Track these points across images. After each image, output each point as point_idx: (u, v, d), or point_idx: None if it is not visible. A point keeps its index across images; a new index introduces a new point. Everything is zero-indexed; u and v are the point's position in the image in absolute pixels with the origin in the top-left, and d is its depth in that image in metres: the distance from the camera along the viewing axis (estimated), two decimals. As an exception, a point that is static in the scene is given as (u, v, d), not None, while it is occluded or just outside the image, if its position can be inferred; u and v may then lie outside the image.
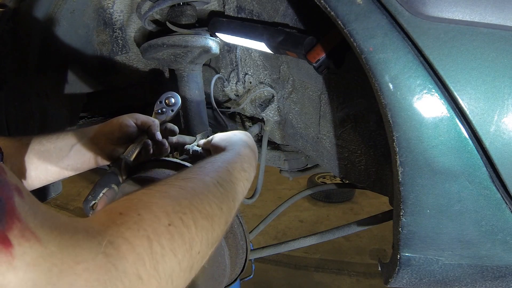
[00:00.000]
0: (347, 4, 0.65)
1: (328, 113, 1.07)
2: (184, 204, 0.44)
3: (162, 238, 0.39)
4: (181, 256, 0.40)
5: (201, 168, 0.57)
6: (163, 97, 0.94)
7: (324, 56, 0.86)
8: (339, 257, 3.11)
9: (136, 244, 0.36)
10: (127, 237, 0.36)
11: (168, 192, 0.45)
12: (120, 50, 1.28)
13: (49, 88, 1.23)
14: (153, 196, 0.44)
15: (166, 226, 0.40)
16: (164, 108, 0.93)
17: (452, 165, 0.65)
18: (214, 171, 0.57)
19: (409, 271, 0.76)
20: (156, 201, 0.42)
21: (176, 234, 0.40)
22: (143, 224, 0.38)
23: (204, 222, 0.45)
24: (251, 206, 3.88)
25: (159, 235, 0.38)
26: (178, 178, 0.51)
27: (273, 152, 1.56)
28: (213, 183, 0.53)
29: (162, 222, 0.40)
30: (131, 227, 0.37)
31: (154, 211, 0.41)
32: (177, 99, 0.94)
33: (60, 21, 1.13)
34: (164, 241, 0.39)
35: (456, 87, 0.62)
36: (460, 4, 0.61)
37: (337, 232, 1.08)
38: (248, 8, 1.10)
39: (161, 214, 0.41)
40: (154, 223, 0.39)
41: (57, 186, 1.43)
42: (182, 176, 0.52)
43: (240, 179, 0.62)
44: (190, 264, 0.42)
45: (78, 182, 4.35)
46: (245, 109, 1.33)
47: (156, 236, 0.38)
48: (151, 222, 0.39)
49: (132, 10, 1.21)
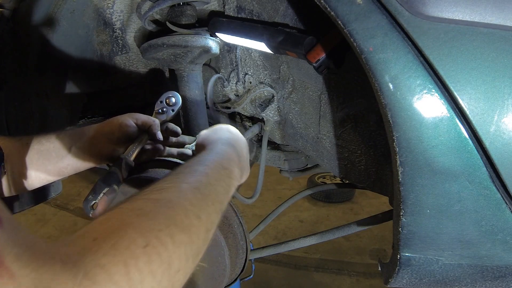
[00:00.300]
0: (347, 4, 0.65)
1: (328, 113, 1.07)
2: (159, 220, 0.43)
3: (139, 262, 0.37)
4: (160, 276, 0.39)
5: (177, 175, 0.54)
6: (163, 96, 0.93)
7: (324, 56, 0.86)
8: (339, 257, 3.11)
9: (113, 272, 0.35)
10: (103, 265, 0.35)
11: (142, 209, 0.44)
12: (120, 50, 1.28)
13: (49, 88, 1.23)
14: (127, 216, 0.42)
15: (143, 248, 0.38)
16: (164, 107, 0.92)
17: (452, 165, 0.65)
18: (191, 175, 0.55)
19: (409, 271, 0.76)
20: (131, 221, 0.41)
21: (154, 254, 0.39)
22: (119, 249, 0.37)
23: (182, 236, 0.44)
24: (251, 206, 3.88)
25: (136, 258, 0.37)
26: (153, 190, 0.49)
27: (273, 152, 1.56)
28: (189, 189, 0.51)
29: (138, 243, 0.38)
30: (106, 253, 0.36)
31: (129, 233, 0.39)
32: (177, 99, 0.94)
33: (60, 21, 1.13)
34: (142, 264, 0.37)
35: (456, 87, 0.62)
36: (460, 4, 0.61)
37: (337, 232, 1.08)
38: (248, 8, 1.10)
39: (137, 235, 0.39)
40: (130, 246, 0.38)
41: (57, 186, 1.43)
42: (158, 186, 0.50)
43: (220, 179, 0.59)
44: (171, 283, 0.41)
45: (78, 182, 4.35)
46: (245, 109, 1.33)
47: (133, 260, 0.37)
48: (127, 245, 0.38)
49: (132, 10, 1.21)
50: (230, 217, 0.98)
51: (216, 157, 0.64)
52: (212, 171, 0.58)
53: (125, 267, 0.36)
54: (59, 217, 3.92)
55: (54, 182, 1.38)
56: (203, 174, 0.56)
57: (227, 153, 0.67)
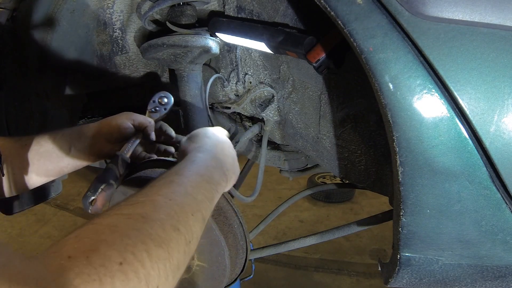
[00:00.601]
0: (347, 4, 0.65)
1: (328, 113, 1.07)
2: (134, 235, 0.41)
3: (115, 280, 0.36)
4: None
5: (151, 188, 0.52)
6: (156, 96, 0.98)
7: (324, 56, 0.86)
8: (339, 257, 3.11)
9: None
10: (77, 286, 0.33)
11: (116, 226, 0.42)
12: (120, 50, 1.28)
13: (49, 88, 1.23)
14: (101, 233, 0.40)
15: (118, 265, 0.37)
16: (157, 107, 0.96)
17: (452, 165, 0.65)
18: (166, 187, 0.53)
19: (409, 271, 0.76)
20: (105, 238, 0.39)
21: (130, 272, 0.37)
22: (94, 267, 0.35)
23: (159, 251, 0.42)
24: (251, 206, 3.88)
25: (111, 277, 0.36)
26: (126, 204, 0.47)
27: (273, 152, 1.56)
28: (165, 202, 0.49)
29: (113, 260, 0.37)
30: (80, 272, 0.34)
31: (104, 250, 0.37)
32: (170, 98, 0.98)
33: (60, 21, 1.13)
34: (118, 283, 0.36)
35: (456, 87, 0.62)
36: (460, 4, 0.61)
37: (337, 232, 1.08)
38: (248, 8, 1.10)
39: (111, 253, 0.38)
40: (105, 264, 0.36)
41: (57, 186, 1.43)
42: (131, 200, 0.48)
43: (198, 187, 0.57)
44: None
45: (78, 182, 4.35)
46: (245, 109, 1.33)
47: (109, 278, 0.35)
48: (102, 263, 0.36)
49: (132, 10, 1.21)
50: (230, 217, 0.98)
51: (192, 166, 0.62)
52: (188, 180, 0.56)
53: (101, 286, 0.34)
54: (59, 217, 3.93)
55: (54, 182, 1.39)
56: (179, 184, 0.54)
57: (204, 160, 0.66)
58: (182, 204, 0.50)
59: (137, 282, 0.38)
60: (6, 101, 1.18)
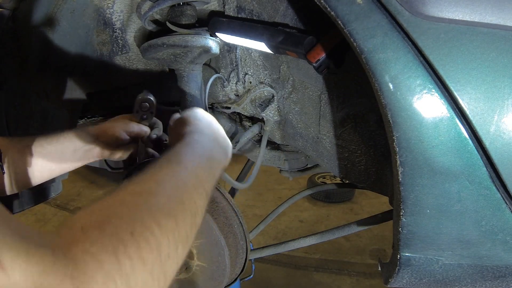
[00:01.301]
0: (347, 4, 0.65)
1: (328, 113, 1.07)
2: (142, 208, 0.43)
3: (128, 248, 0.37)
4: (151, 264, 0.39)
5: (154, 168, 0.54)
6: (136, 107, 0.97)
7: (324, 56, 0.86)
8: (339, 257, 3.11)
9: (103, 260, 0.35)
10: (93, 253, 0.35)
11: (124, 200, 0.44)
12: (120, 50, 1.28)
13: (49, 88, 1.23)
14: (111, 207, 0.42)
15: (130, 235, 0.38)
16: (144, 114, 0.97)
17: (452, 165, 0.65)
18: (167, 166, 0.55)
19: (409, 271, 0.76)
20: (115, 211, 0.41)
21: (142, 241, 0.39)
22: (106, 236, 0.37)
23: (167, 221, 0.44)
24: (251, 206, 3.88)
25: (124, 245, 0.37)
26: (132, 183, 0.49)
27: (273, 152, 1.55)
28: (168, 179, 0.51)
29: (125, 231, 0.38)
30: (95, 241, 0.36)
31: (115, 222, 0.39)
32: (150, 101, 0.97)
33: (60, 21, 1.13)
34: (132, 251, 0.37)
35: (456, 87, 0.62)
36: (460, 4, 0.61)
37: (337, 232, 1.08)
38: (248, 8, 1.10)
39: (122, 224, 0.39)
40: (118, 234, 0.38)
41: (57, 186, 1.43)
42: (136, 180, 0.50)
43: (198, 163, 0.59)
44: (163, 271, 0.41)
45: (78, 182, 4.35)
46: (245, 109, 1.33)
47: (122, 245, 0.37)
48: (114, 232, 0.38)
49: (132, 10, 1.21)
50: (230, 217, 0.98)
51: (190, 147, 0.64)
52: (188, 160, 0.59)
53: (114, 255, 0.36)
54: (59, 217, 3.93)
55: (54, 182, 1.39)
56: (179, 163, 0.56)
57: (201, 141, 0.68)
58: (184, 180, 0.52)
59: (149, 250, 0.39)
60: (6, 101, 1.18)
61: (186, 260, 1.00)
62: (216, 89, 1.32)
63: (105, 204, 0.43)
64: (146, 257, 0.38)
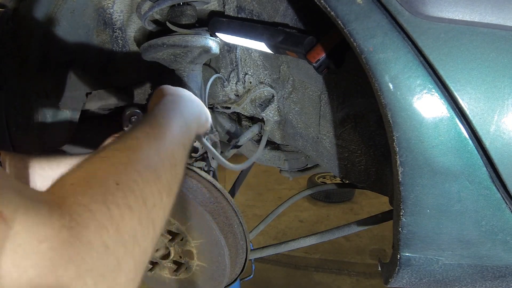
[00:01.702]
0: (347, 4, 0.65)
1: (328, 113, 1.07)
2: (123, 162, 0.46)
3: (115, 197, 0.40)
4: (138, 211, 0.42)
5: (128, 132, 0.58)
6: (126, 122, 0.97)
7: (324, 56, 0.86)
8: (339, 257, 3.11)
9: (95, 210, 0.37)
10: (84, 204, 0.37)
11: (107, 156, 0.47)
12: (120, 50, 1.28)
13: (49, 88, 1.23)
14: (95, 163, 0.45)
15: (116, 185, 0.41)
16: None
17: (452, 165, 0.65)
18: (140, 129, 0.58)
19: (409, 271, 0.76)
20: (99, 166, 0.44)
21: (127, 190, 0.42)
22: (95, 188, 0.40)
23: (148, 172, 0.47)
24: (251, 206, 3.89)
25: (112, 194, 0.40)
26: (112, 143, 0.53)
27: (273, 152, 1.56)
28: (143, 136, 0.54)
29: (111, 182, 0.41)
30: (85, 193, 0.38)
31: (100, 175, 0.42)
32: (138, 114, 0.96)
33: (60, 21, 1.13)
34: (119, 200, 0.40)
35: (456, 87, 0.62)
36: (460, 4, 0.61)
37: (337, 232, 1.08)
38: (248, 8, 1.10)
39: (108, 176, 0.42)
40: (104, 185, 0.41)
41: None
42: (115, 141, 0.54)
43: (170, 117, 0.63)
44: (150, 218, 0.44)
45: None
46: (245, 109, 1.33)
47: (110, 195, 0.40)
48: (101, 185, 0.41)
49: (132, 10, 1.21)
50: (230, 217, 0.98)
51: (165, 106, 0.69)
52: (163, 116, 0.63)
53: (104, 204, 0.38)
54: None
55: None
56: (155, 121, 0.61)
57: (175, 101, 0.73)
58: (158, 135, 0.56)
59: (134, 198, 0.42)
60: (6, 101, 1.18)
61: (186, 260, 1.00)
62: (216, 89, 1.32)
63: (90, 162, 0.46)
64: (133, 205, 0.41)
